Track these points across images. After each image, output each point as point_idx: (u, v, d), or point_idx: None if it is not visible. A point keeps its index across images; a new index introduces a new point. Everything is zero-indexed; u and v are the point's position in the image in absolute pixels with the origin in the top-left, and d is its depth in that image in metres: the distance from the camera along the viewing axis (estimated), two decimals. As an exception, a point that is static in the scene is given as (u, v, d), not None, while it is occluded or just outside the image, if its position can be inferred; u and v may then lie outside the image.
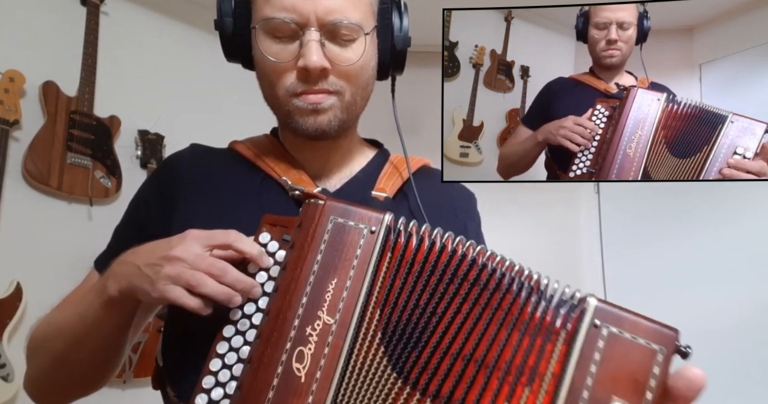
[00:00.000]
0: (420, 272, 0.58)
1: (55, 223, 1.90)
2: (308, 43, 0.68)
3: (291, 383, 0.54)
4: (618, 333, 0.50)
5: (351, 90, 0.73)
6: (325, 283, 0.57)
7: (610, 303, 0.53)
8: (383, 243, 0.58)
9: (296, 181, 0.75)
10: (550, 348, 0.52)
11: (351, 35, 0.71)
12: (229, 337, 0.58)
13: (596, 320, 0.51)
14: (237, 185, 0.76)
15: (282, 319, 0.56)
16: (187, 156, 0.82)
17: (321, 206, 0.60)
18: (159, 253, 0.60)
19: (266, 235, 0.62)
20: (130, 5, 2.23)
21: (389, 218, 0.59)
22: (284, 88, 0.72)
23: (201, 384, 0.56)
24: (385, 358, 0.55)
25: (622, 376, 0.49)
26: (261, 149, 0.80)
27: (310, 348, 0.55)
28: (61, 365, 0.72)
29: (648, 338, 0.50)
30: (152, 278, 0.58)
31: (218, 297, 0.57)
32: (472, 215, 0.87)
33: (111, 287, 0.63)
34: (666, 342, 0.50)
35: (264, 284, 0.60)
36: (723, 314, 2.38)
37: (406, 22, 0.78)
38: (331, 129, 0.73)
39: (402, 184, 0.81)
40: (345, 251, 0.58)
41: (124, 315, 0.68)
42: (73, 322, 0.70)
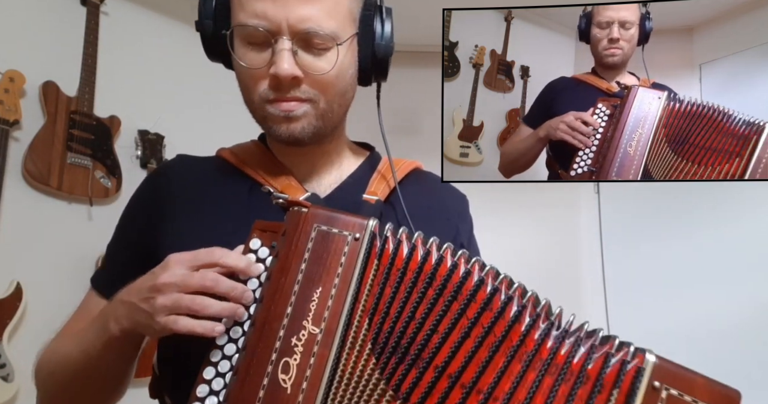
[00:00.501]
0: (414, 282, 0.57)
1: (55, 223, 1.90)
2: (280, 52, 0.67)
3: (277, 394, 0.53)
4: (678, 396, 0.46)
5: (326, 98, 0.72)
6: (309, 292, 0.56)
7: (670, 361, 0.48)
8: (368, 250, 0.57)
9: (285, 187, 0.74)
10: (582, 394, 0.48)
11: (324, 44, 0.69)
12: (222, 345, 0.58)
13: (655, 381, 0.47)
14: (226, 194, 0.76)
15: (267, 330, 0.55)
16: (173, 168, 0.82)
17: (304, 213, 0.59)
18: (147, 285, 0.59)
19: (257, 241, 0.61)
20: (130, 5, 2.23)
21: (373, 224, 0.58)
22: (258, 94, 0.71)
23: (195, 393, 0.56)
24: (377, 370, 0.54)
25: None
26: (249, 155, 0.80)
27: (295, 358, 0.54)
28: (70, 396, 0.73)
29: (711, 401, 0.47)
30: (149, 312, 0.58)
31: (223, 314, 0.57)
32: (464, 218, 0.87)
33: (113, 329, 0.63)
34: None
35: (255, 291, 0.59)
36: (723, 314, 2.38)
37: (389, 28, 0.76)
38: (304, 136, 0.72)
39: (393, 188, 0.80)
40: (329, 259, 0.57)
41: (129, 350, 0.69)
42: (77, 358, 0.69)
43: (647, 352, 0.48)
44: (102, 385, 0.73)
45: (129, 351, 0.69)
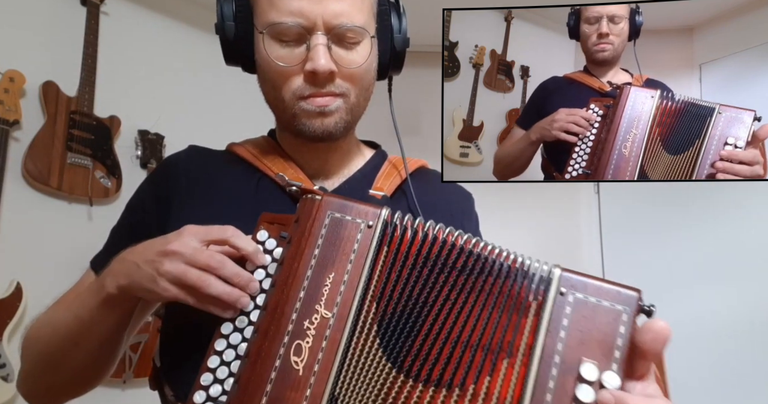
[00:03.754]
0: (414, 265, 0.58)
1: (55, 223, 1.90)
2: (316, 47, 0.69)
3: (289, 376, 0.54)
4: (583, 298, 0.53)
5: (356, 92, 0.74)
6: (322, 277, 0.57)
7: (575, 271, 0.55)
8: (380, 237, 0.58)
9: (293, 179, 0.75)
10: (524, 322, 0.54)
11: (356, 38, 0.71)
12: (227, 334, 0.58)
13: (562, 288, 0.53)
14: (234, 185, 0.77)
15: (279, 313, 0.56)
16: (184, 158, 0.82)
17: (318, 201, 0.60)
18: (157, 248, 0.60)
19: (264, 233, 0.62)
20: (130, 5, 2.23)
21: (386, 212, 0.59)
22: (291, 91, 0.72)
23: (199, 381, 0.56)
24: (380, 350, 0.56)
25: (590, 338, 0.51)
26: (259, 149, 0.81)
27: (308, 341, 0.55)
28: (56, 365, 0.72)
29: (612, 300, 0.52)
30: (152, 274, 0.58)
31: (223, 297, 0.57)
32: (469, 216, 0.87)
33: (109, 285, 0.63)
34: (629, 302, 0.52)
35: (261, 281, 0.59)
36: (723, 313, 2.38)
37: (405, 23, 0.79)
38: (337, 131, 0.74)
39: (399, 184, 0.81)
40: (342, 246, 0.58)
41: (122, 314, 0.68)
42: (68, 322, 0.69)
43: (554, 267, 0.55)
44: (90, 354, 0.71)
45: (121, 314, 0.67)
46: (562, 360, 0.51)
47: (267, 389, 0.54)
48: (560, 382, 0.50)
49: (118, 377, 1.93)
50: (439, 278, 0.57)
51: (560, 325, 0.52)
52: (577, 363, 0.50)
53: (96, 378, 0.77)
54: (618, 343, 0.51)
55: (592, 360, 0.50)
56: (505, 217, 2.61)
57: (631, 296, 0.52)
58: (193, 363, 0.58)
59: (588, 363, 0.50)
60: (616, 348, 0.51)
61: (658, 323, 0.51)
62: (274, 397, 0.53)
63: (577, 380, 0.50)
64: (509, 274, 0.56)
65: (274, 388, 0.54)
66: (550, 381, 0.50)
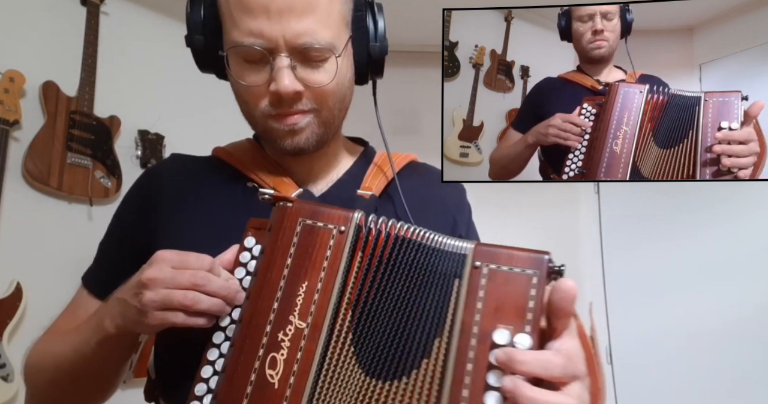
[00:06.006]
0: (386, 268, 0.57)
1: (55, 223, 1.90)
2: (279, 69, 0.67)
3: (265, 390, 0.53)
4: (496, 268, 0.54)
5: (327, 106, 0.72)
6: (296, 287, 0.56)
7: (490, 244, 0.56)
8: (353, 242, 0.57)
9: (278, 184, 0.74)
10: (450, 300, 0.55)
11: (322, 55, 0.69)
12: (218, 344, 0.57)
13: (476, 262, 0.54)
14: (221, 192, 0.76)
15: (254, 326, 0.55)
16: (166, 167, 0.82)
17: (289, 208, 0.59)
18: (134, 281, 0.59)
19: (251, 239, 0.61)
20: (130, 5, 2.23)
21: (358, 216, 0.58)
22: (259, 110, 0.71)
23: (193, 392, 0.56)
24: (354, 358, 0.55)
25: (504, 305, 0.52)
26: (244, 154, 0.80)
27: (282, 353, 0.54)
28: (60, 394, 0.73)
29: (523, 266, 0.53)
30: (138, 307, 0.57)
31: (213, 310, 0.56)
32: (461, 208, 0.87)
33: (108, 326, 0.62)
34: (539, 265, 0.53)
35: (247, 289, 0.59)
36: (723, 313, 2.38)
37: (382, 26, 0.76)
38: (309, 146, 0.73)
39: (388, 182, 0.80)
40: (315, 253, 0.57)
41: (123, 350, 0.68)
42: (69, 356, 0.69)
43: (468, 243, 0.56)
44: (92, 385, 0.72)
45: (123, 351, 0.68)
46: (480, 330, 0.52)
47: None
48: (479, 351, 0.51)
49: (118, 377, 1.93)
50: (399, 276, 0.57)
51: (476, 297, 0.53)
52: (491, 329, 0.52)
53: (102, 398, 0.78)
54: (530, 305, 0.52)
55: (506, 326, 0.52)
56: (505, 217, 2.61)
57: (541, 258, 0.54)
58: (187, 375, 0.58)
59: (501, 328, 0.51)
60: (528, 311, 0.52)
61: (566, 282, 0.51)
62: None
63: (491, 346, 0.51)
64: (438, 256, 0.57)
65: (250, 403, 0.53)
66: (470, 351, 0.52)
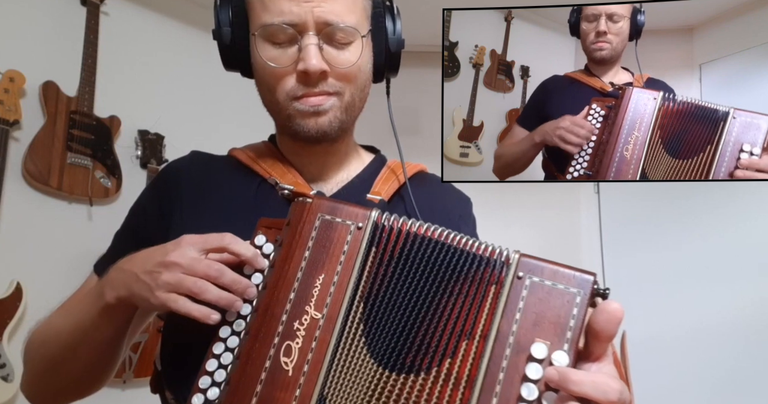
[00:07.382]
0: (397, 264, 0.58)
1: (55, 223, 1.90)
2: (307, 47, 0.70)
3: (278, 377, 0.55)
4: (539, 282, 0.54)
5: (350, 90, 0.75)
6: (312, 279, 0.57)
7: (535, 256, 0.56)
8: (370, 239, 0.59)
9: (291, 183, 0.75)
10: (484, 306, 0.56)
11: (348, 38, 0.72)
12: (225, 338, 0.58)
13: (519, 272, 0.55)
14: (235, 191, 0.77)
15: (270, 315, 0.57)
16: (186, 164, 0.83)
17: (309, 204, 0.60)
18: (155, 259, 0.60)
19: (262, 237, 0.62)
20: (130, 5, 2.23)
21: (376, 214, 0.60)
22: (284, 92, 0.73)
23: (198, 384, 0.57)
24: (365, 348, 0.56)
25: (543, 320, 0.53)
26: (259, 154, 0.81)
27: (297, 342, 0.56)
28: (57, 369, 0.73)
29: (567, 283, 0.54)
30: (150, 285, 0.59)
31: (220, 303, 0.58)
32: (466, 220, 0.88)
33: (108, 295, 0.64)
34: (584, 285, 0.53)
35: (259, 285, 0.60)
36: (723, 313, 2.38)
37: (399, 25, 0.79)
38: (332, 130, 0.74)
39: (398, 188, 0.81)
40: (332, 248, 0.58)
41: (120, 322, 0.68)
42: (69, 328, 0.70)
43: (513, 252, 0.56)
44: (91, 359, 0.72)
45: (121, 322, 0.68)
46: (515, 340, 0.52)
47: (257, 389, 0.54)
48: (512, 361, 0.52)
49: (118, 377, 1.93)
50: (416, 273, 0.58)
51: (516, 308, 0.54)
52: (529, 343, 0.52)
53: (98, 382, 0.78)
54: (570, 324, 0.52)
55: (544, 341, 0.52)
56: (505, 217, 2.61)
57: (586, 279, 0.54)
58: (193, 367, 0.58)
59: (540, 343, 0.52)
60: (568, 329, 0.52)
61: (612, 304, 0.51)
62: (264, 397, 0.54)
63: (528, 359, 0.51)
64: (474, 261, 0.57)
65: (263, 389, 0.54)
66: (503, 360, 0.52)
